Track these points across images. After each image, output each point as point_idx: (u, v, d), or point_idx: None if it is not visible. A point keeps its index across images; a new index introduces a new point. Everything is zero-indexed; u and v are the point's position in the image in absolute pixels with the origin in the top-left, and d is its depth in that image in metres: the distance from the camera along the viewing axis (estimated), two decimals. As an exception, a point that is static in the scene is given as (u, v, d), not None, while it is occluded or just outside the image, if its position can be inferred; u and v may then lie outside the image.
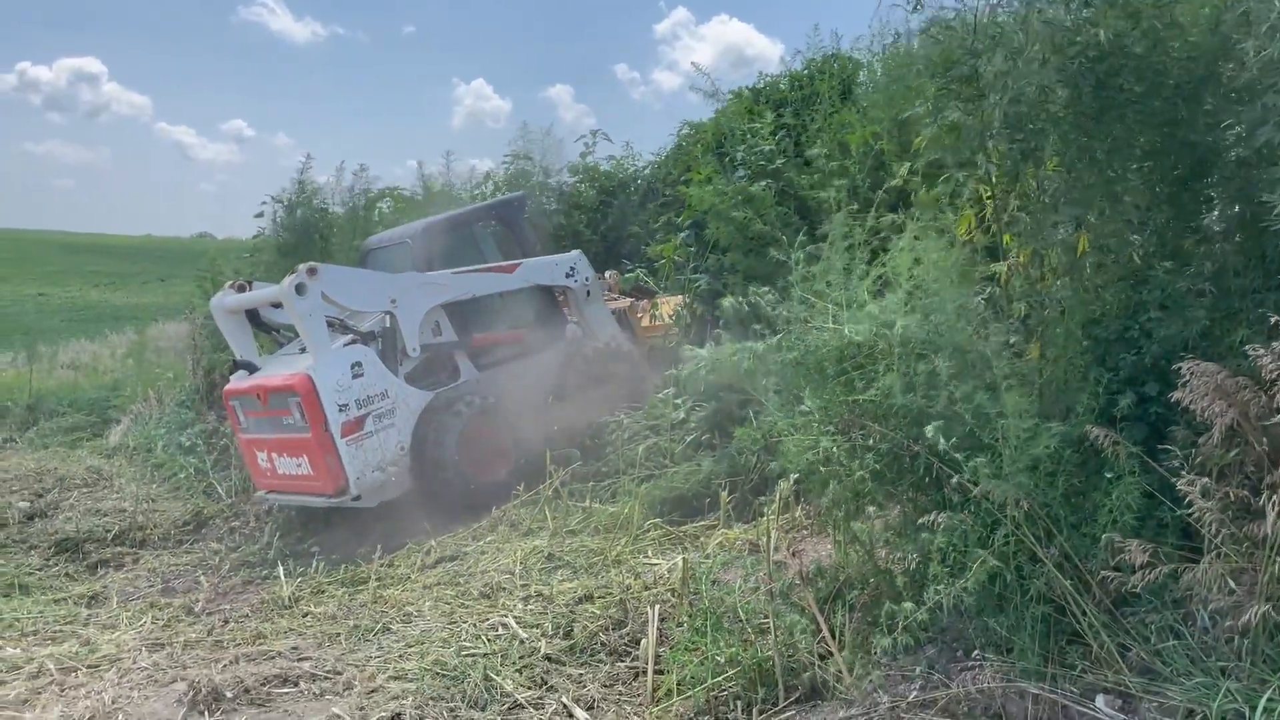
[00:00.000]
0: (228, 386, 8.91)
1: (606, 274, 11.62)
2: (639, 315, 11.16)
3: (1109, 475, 3.87)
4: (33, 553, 8.64)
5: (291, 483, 8.43)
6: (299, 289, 7.79)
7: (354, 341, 8.35)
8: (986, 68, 4.43)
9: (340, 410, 7.91)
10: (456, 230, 10.31)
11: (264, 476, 8.76)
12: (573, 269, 10.17)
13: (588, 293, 10.32)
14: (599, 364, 9.86)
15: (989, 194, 4.87)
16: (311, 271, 7.86)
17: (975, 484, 3.85)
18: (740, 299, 6.87)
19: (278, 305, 8.44)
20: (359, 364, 8.10)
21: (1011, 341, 4.41)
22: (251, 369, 8.71)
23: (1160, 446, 3.92)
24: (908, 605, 3.96)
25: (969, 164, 4.87)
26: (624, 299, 11.37)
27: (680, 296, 10.71)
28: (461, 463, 8.44)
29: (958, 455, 3.90)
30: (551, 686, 4.86)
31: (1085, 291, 4.52)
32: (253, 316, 8.85)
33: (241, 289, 8.71)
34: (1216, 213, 4.32)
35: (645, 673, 4.80)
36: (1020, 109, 4.28)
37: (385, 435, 8.22)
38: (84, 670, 5.71)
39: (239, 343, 8.88)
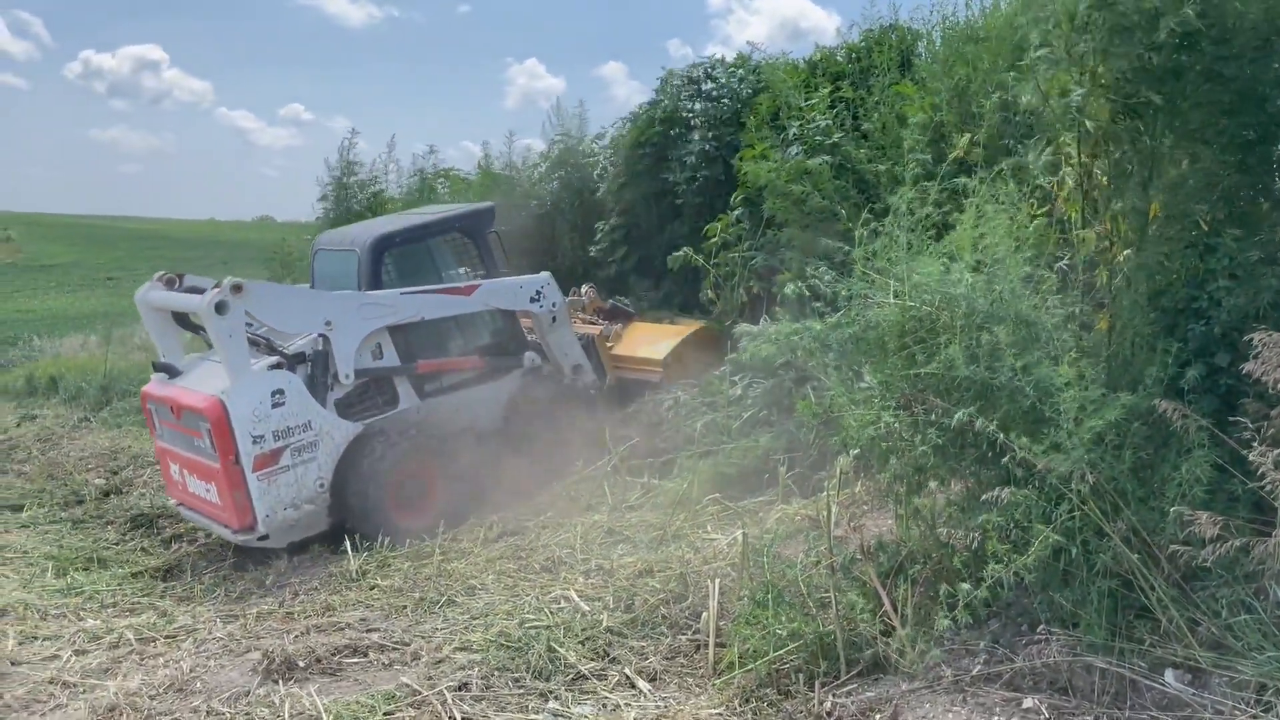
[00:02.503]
0: (145, 388, 8.36)
1: (583, 289, 10.80)
2: (610, 344, 10.10)
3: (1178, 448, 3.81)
4: (109, 528, 8.91)
5: (200, 504, 7.87)
6: (219, 307, 7.11)
7: (279, 365, 7.63)
8: (1097, 27, 4.32)
9: (254, 442, 7.23)
10: (411, 242, 9.14)
11: (175, 488, 8.25)
12: (539, 293, 9.17)
13: (554, 319, 9.31)
14: (553, 401, 9.04)
15: (1076, 160, 4.76)
16: (236, 289, 7.20)
17: (1040, 457, 3.82)
18: (798, 281, 6.83)
19: None
20: (281, 392, 7.37)
21: (1079, 312, 4.34)
22: (172, 372, 8.06)
23: (1231, 418, 3.85)
24: (965, 586, 3.94)
25: (1071, 124, 4.74)
26: (594, 325, 10.28)
27: (668, 325, 10.23)
28: (385, 503, 7.71)
29: (1003, 435, 3.87)
30: (614, 658, 4.94)
31: (1152, 261, 4.43)
32: (182, 315, 8.02)
33: (170, 283, 7.91)
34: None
35: (706, 645, 4.84)
36: (1124, 65, 4.19)
37: (304, 470, 7.52)
38: (162, 640, 5.93)
39: (162, 341, 8.21)
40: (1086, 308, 4.67)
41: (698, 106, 12.01)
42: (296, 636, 5.65)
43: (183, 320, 8.05)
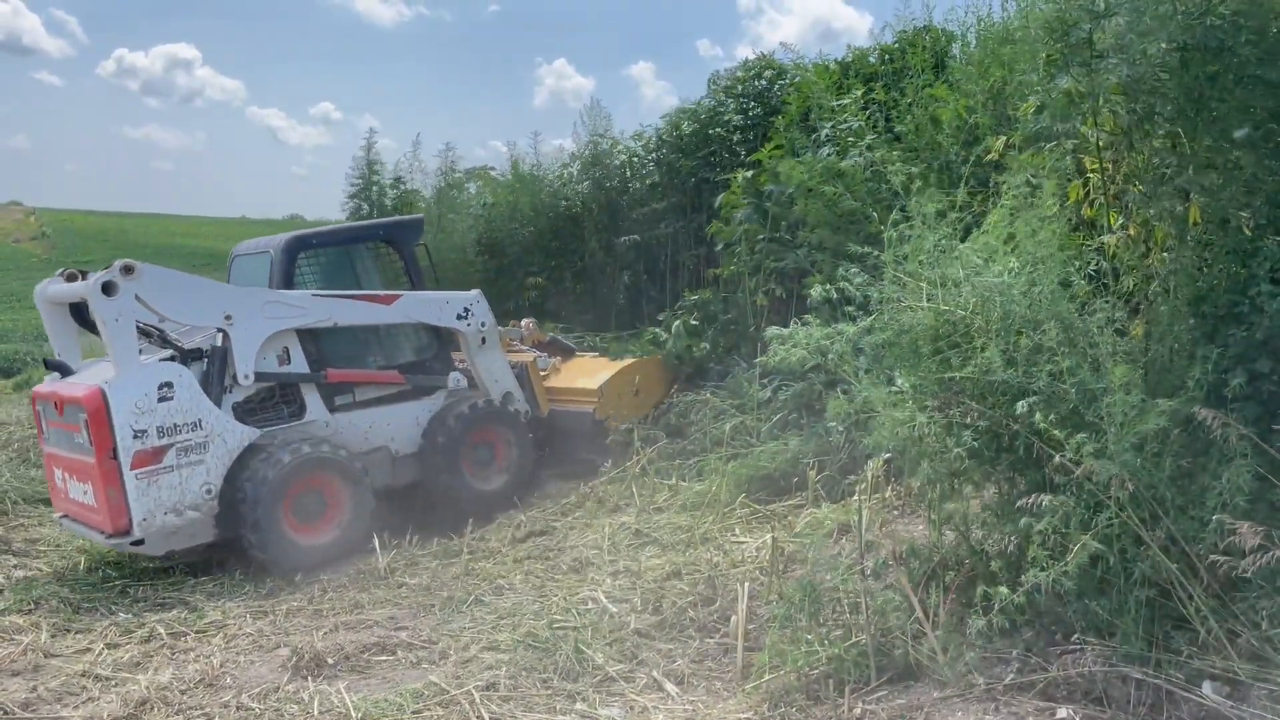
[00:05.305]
0: (35, 387, 7.95)
1: (523, 322, 10.51)
2: (545, 375, 9.69)
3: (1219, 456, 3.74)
4: (141, 523, 8.98)
5: (80, 510, 7.34)
6: (107, 288, 6.73)
7: (171, 358, 7.27)
8: (1105, 30, 4.28)
9: (135, 437, 6.75)
10: (329, 246, 8.75)
11: (59, 497, 7.75)
12: (467, 310, 8.67)
13: (483, 339, 8.80)
14: (477, 425, 8.54)
15: (1094, 166, 4.71)
16: (127, 270, 6.80)
17: (1078, 463, 3.76)
18: (828, 284, 6.77)
19: None
20: (169, 385, 6.91)
21: (1115, 317, 4.28)
22: (65, 371, 7.61)
23: (1274, 427, 3.77)
24: (1003, 590, 3.88)
25: (1075, 134, 4.71)
26: (530, 352, 9.88)
27: (603, 358, 9.99)
28: (279, 519, 7.17)
29: (1057, 433, 3.81)
30: (641, 660, 4.92)
31: (1191, 266, 4.37)
32: (81, 312, 7.55)
33: (71, 278, 7.40)
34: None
35: (735, 650, 4.81)
36: (1140, 71, 4.13)
37: (189, 473, 7.00)
38: (192, 635, 5.97)
39: (58, 339, 7.77)
40: (1121, 313, 4.61)
41: (731, 104, 12.12)
42: (325, 633, 5.68)
43: (83, 320, 7.60)
